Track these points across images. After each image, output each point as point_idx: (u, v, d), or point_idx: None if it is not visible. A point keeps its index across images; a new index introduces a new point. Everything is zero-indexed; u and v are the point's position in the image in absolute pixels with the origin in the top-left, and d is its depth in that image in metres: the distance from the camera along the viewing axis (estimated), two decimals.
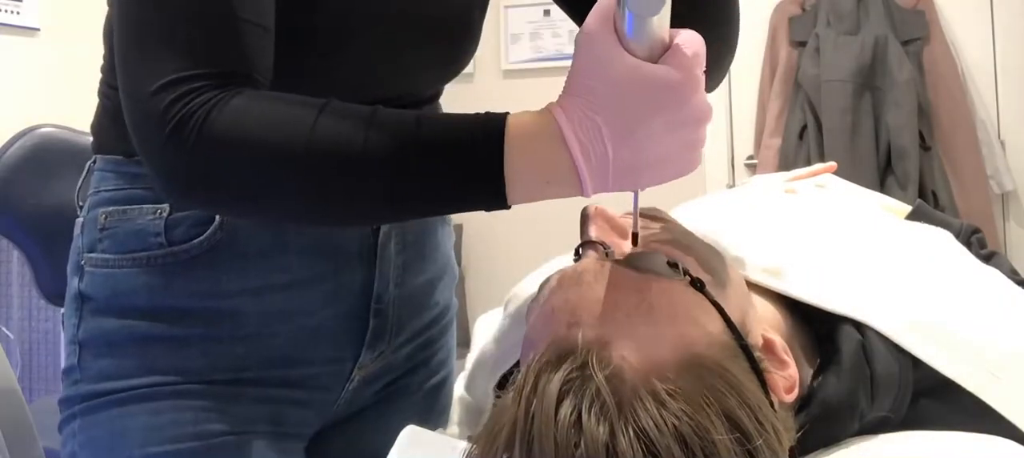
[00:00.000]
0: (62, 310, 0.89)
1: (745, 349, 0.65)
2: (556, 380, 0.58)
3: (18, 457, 1.30)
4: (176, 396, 0.81)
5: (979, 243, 0.94)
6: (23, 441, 1.33)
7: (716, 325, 0.65)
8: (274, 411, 0.86)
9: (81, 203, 0.89)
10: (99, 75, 0.90)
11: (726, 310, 0.66)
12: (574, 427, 0.56)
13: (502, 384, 0.87)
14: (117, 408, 0.81)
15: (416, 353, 1.01)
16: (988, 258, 0.90)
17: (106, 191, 0.85)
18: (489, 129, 0.62)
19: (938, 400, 0.74)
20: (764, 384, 0.64)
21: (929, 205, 1.02)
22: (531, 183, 0.62)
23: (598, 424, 0.56)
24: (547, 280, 0.71)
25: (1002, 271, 0.86)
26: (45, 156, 1.87)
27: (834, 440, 0.72)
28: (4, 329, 2.44)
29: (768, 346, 0.69)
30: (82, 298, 0.85)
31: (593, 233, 0.72)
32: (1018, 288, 0.83)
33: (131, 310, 0.82)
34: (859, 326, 0.76)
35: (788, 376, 0.68)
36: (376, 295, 0.92)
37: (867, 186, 1.10)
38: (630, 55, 0.60)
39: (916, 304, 0.77)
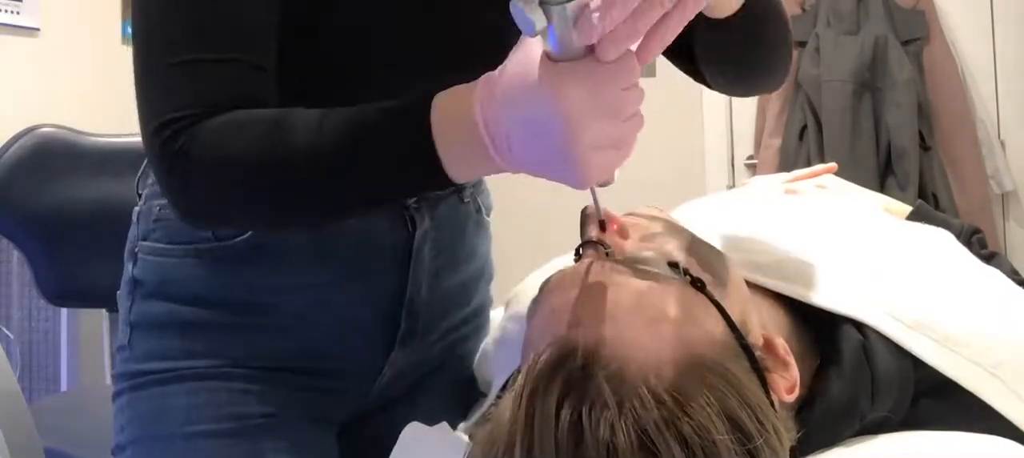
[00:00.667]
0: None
1: (746, 349, 0.65)
2: (557, 381, 0.58)
3: (18, 457, 1.30)
4: (215, 378, 0.87)
5: (979, 243, 0.95)
6: (23, 441, 1.33)
7: (717, 325, 0.65)
8: (308, 398, 0.91)
9: (140, 193, 0.94)
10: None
11: (727, 310, 0.66)
12: (575, 427, 0.56)
13: (505, 385, 0.87)
14: (160, 387, 0.87)
15: (447, 350, 1.02)
16: (988, 258, 0.91)
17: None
18: (417, 120, 0.67)
19: (939, 399, 0.74)
20: (765, 384, 0.64)
21: (929, 205, 1.02)
22: (464, 166, 0.67)
23: (599, 424, 0.56)
24: (547, 281, 0.71)
25: (1002, 271, 0.86)
26: (45, 156, 1.87)
27: (835, 440, 0.72)
28: (4, 329, 2.44)
29: (769, 346, 0.69)
30: (135, 282, 0.91)
31: (593, 233, 0.72)
32: (1018, 288, 0.83)
33: (177, 296, 0.88)
34: (860, 326, 0.76)
35: (789, 376, 0.68)
36: (409, 299, 0.94)
37: (867, 186, 1.10)
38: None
39: (917, 304, 0.77)
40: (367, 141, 0.68)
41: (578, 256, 0.72)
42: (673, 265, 0.68)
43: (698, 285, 0.67)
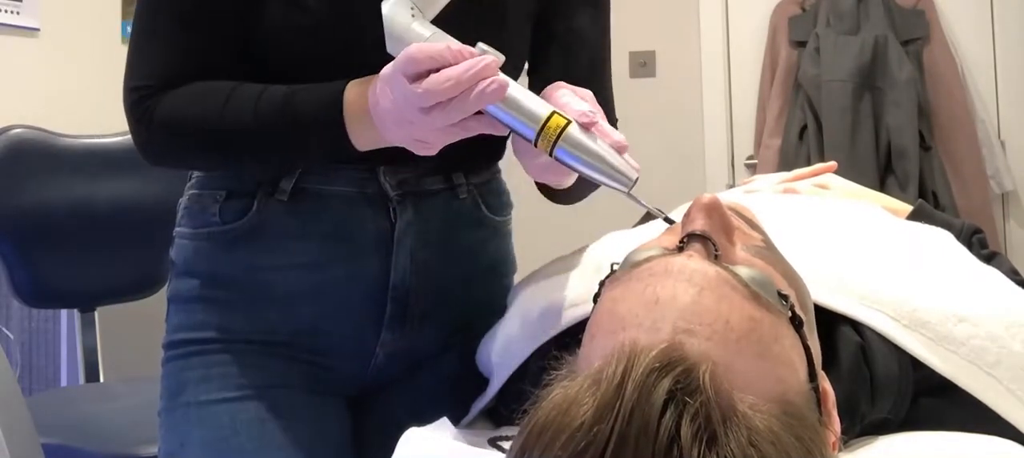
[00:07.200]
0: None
1: (819, 403, 0.63)
2: (661, 389, 0.53)
3: (18, 456, 1.30)
4: (223, 352, 0.99)
5: (980, 243, 0.95)
6: (23, 440, 1.33)
7: (803, 371, 0.62)
8: (305, 371, 1.00)
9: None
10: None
11: (813, 358, 0.64)
12: (672, 441, 0.52)
13: (518, 377, 0.86)
14: (184, 360, 1.00)
15: (452, 338, 1.05)
16: (989, 258, 0.91)
17: (193, 178, 1.05)
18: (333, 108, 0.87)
19: (940, 397, 0.74)
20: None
21: (929, 205, 1.02)
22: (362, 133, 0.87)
23: (694, 443, 0.52)
24: (638, 257, 0.66)
25: (1002, 271, 0.86)
26: (18, 157, 1.87)
27: None
28: (4, 329, 2.44)
29: (825, 395, 0.66)
30: (172, 263, 1.04)
31: (702, 225, 0.66)
32: (1018, 288, 0.82)
33: (197, 274, 1.01)
34: (859, 327, 0.76)
35: (834, 431, 0.65)
36: (392, 285, 1.00)
37: (867, 186, 1.10)
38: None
39: (916, 304, 0.76)
40: (293, 111, 0.89)
41: (682, 245, 0.66)
42: (783, 297, 0.64)
43: (797, 325, 0.64)
